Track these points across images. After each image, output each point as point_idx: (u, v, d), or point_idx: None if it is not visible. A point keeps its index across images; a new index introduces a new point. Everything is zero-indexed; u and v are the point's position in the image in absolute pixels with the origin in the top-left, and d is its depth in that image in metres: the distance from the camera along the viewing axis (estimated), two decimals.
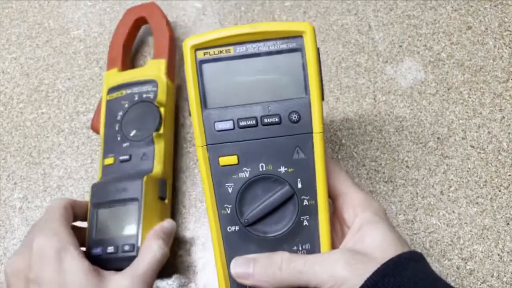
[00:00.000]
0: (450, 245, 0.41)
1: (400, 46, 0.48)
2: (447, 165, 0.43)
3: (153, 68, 0.43)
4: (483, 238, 0.41)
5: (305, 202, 0.29)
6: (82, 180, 0.44)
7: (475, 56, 0.47)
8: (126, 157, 0.40)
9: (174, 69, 0.46)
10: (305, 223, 0.29)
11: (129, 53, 0.47)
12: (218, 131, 0.29)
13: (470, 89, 0.46)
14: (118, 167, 0.40)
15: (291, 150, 0.29)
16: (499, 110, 0.45)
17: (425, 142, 0.44)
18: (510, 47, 0.48)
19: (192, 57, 0.29)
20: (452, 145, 0.44)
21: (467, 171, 0.43)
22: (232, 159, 0.29)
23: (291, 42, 0.29)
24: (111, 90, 0.43)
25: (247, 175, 0.29)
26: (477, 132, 0.44)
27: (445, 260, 0.40)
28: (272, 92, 0.29)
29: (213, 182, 0.29)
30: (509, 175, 0.43)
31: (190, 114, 0.30)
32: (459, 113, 0.45)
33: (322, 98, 0.29)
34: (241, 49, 0.29)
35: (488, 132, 0.44)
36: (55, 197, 0.43)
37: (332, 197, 0.32)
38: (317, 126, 0.29)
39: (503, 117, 0.45)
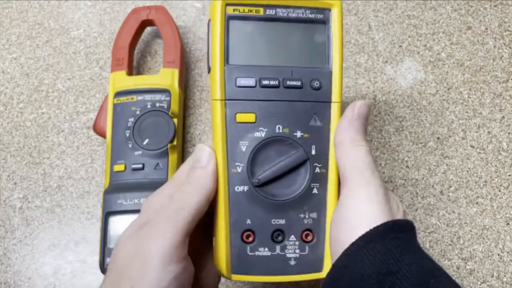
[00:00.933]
0: (450, 245, 0.41)
1: (400, 46, 0.48)
2: (447, 165, 0.43)
3: (166, 77, 0.43)
4: (483, 238, 0.41)
5: (317, 170, 0.29)
6: (82, 180, 0.44)
7: (475, 56, 0.47)
8: (139, 165, 0.40)
9: (184, 78, 0.46)
10: (315, 191, 0.29)
11: (133, 55, 0.47)
12: (239, 87, 0.29)
13: (470, 89, 0.46)
14: (129, 175, 0.40)
15: (309, 116, 0.29)
16: (499, 110, 0.45)
17: (425, 142, 0.44)
18: (510, 47, 0.48)
19: (222, 11, 0.29)
20: (452, 145, 0.44)
21: (467, 171, 0.43)
22: (250, 117, 0.29)
23: (319, 13, 0.30)
24: (119, 94, 0.42)
25: (263, 135, 0.29)
26: (477, 132, 0.44)
27: (445, 260, 0.40)
28: (296, 58, 0.30)
29: (227, 138, 0.29)
30: (509, 175, 0.43)
31: (209, 72, 0.29)
32: (459, 113, 0.45)
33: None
34: (270, 12, 0.30)
35: (488, 132, 0.44)
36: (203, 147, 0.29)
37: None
38: (336, 96, 0.29)
39: (503, 117, 0.45)
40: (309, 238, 0.29)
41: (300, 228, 0.29)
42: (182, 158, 0.44)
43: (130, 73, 0.45)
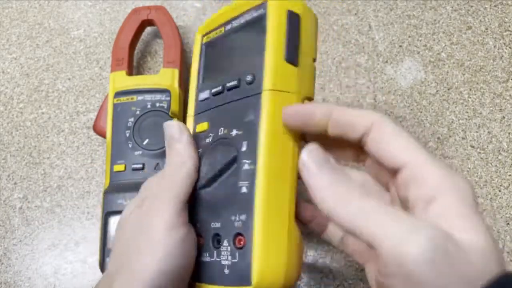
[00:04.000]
0: None
1: (400, 46, 0.48)
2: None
3: (166, 77, 0.43)
4: None
5: (245, 166, 0.26)
6: (82, 180, 0.44)
7: (475, 56, 0.47)
8: (139, 165, 0.40)
9: (184, 78, 0.46)
10: (244, 189, 0.26)
11: (133, 55, 0.47)
12: (200, 101, 0.31)
13: (470, 89, 0.46)
14: (129, 175, 0.40)
15: (245, 112, 0.27)
16: (499, 110, 0.45)
17: (425, 142, 0.44)
18: (510, 47, 0.48)
19: (198, 42, 0.33)
20: (452, 145, 0.44)
21: (467, 171, 0.43)
22: (203, 126, 0.30)
23: (257, 10, 0.28)
24: (119, 94, 0.42)
25: (210, 140, 0.29)
26: (477, 132, 0.44)
27: None
28: (241, 62, 0.30)
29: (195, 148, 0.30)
30: (509, 175, 0.43)
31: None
32: (459, 113, 0.45)
33: (292, 61, 0.27)
34: (228, 27, 0.30)
35: (488, 132, 0.44)
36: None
37: (391, 168, 0.23)
38: (267, 83, 0.26)
39: (503, 117, 0.45)
40: (242, 243, 0.25)
41: (232, 232, 0.26)
42: None
43: (130, 73, 0.45)
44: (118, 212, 0.38)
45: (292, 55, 0.27)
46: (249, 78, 0.27)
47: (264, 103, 0.26)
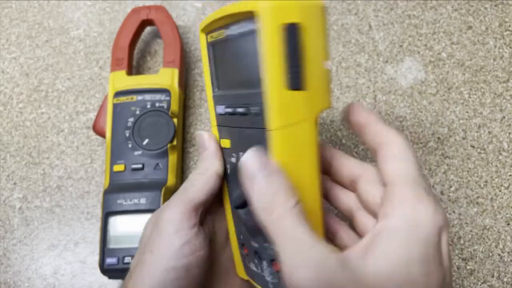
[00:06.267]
0: (451, 245, 0.41)
1: (401, 46, 0.48)
2: (447, 165, 0.43)
3: (165, 76, 0.43)
4: (484, 238, 0.41)
5: None
6: (82, 180, 0.44)
7: (476, 56, 0.47)
8: (139, 165, 0.40)
9: (184, 78, 0.46)
10: None
11: (133, 55, 0.47)
12: (218, 114, 0.30)
13: (470, 89, 0.46)
14: (129, 175, 0.40)
15: (259, 144, 0.25)
16: (500, 110, 0.45)
17: (425, 142, 0.44)
18: (510, 47, 0.47)
19: (203, 41, 0.30)
20: (452, 145, 0.44)
21: (468, 171, 0.43)
22: (226, 143, 0.29)
23: (246, 23, 0.25)
24: (119, 93, 0.42)
25: (235, 160, 0.28)
26: (477, 132, 0.44)
27: None
28: (244, 80, 0.27)
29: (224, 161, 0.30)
30: (510, 175, 0.43)
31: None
32: (459, 113, 0.45)
33: (296, 87, 0.24)
34: (227, 33, 0.27)
35: (489, 132, 0.44)
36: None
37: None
38: (271, 123, 0.24)
39: (504, 117, 0.45)
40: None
41: (267, 257, 0.26)
42: (182, 158, 0.44)
43: (129, 73, 0.45)
44: (118, 212, 0.38)
45: (295, 81, 0.24)
46: (255, 110, 0.25)
47: (272, 143, 0.24)
